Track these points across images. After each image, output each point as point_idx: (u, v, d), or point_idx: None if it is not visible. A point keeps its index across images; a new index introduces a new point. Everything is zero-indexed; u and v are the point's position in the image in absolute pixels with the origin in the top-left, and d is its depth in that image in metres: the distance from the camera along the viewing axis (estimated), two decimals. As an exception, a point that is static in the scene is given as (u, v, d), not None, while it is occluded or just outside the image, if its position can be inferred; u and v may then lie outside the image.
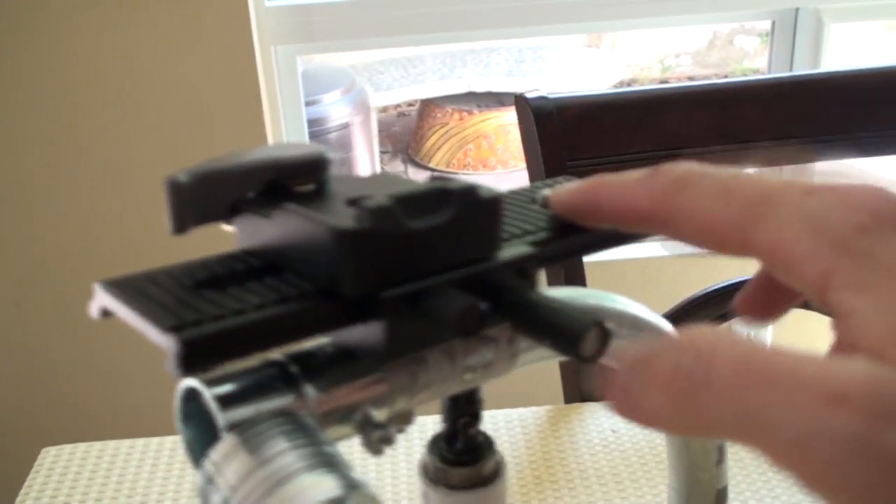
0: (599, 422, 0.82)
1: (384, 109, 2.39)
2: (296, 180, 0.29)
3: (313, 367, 0.27)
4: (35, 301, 1.75)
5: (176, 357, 0.22)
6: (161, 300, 0.24)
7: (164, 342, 0.23)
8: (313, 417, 0.26)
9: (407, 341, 0.26)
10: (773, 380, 0.19)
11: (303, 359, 0.27)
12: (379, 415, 0.28)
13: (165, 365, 0.23)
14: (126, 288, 0.25)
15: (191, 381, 0.26)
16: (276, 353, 0.27)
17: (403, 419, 0.29)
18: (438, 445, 0.33)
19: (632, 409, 0.22)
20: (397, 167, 2.81)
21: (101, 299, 0.26)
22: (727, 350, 0.20)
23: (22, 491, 0.81)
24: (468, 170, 2.70)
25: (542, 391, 1.05)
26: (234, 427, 0.25)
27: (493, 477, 0.33)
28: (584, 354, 0.25)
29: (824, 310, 0.22)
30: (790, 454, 0.19)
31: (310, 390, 0.27)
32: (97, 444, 0.85)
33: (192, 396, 0.27)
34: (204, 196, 0.27)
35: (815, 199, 0.23)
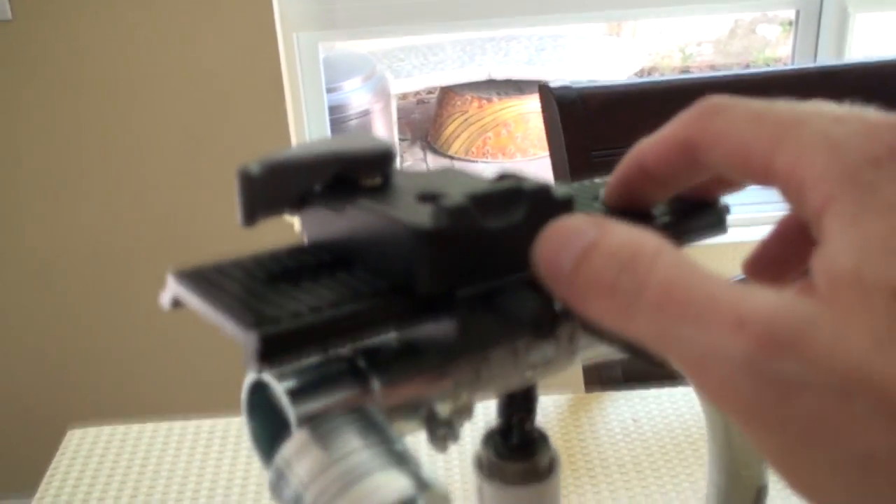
0: (620, 411, 0.82)
1: (404, 97, 2.39)
2: (363, 174, 0.29)
3: (380, 362, 0.27)
4: (61, 281, 1.76)
5: (255, 353, 0.23)
6: (236, 293, 0.24)
7: (242, 338, 0.23)
8: (381, 412, 0.26)
9: (478, 339, 0.26)
10: (691, 302, 0.21)
11: (370, 353, 0.27)
12: (442, 409, 0.28)
13: (244, 361, 0.23)
14: (199, 280, 0.25)
15: (260, 376, 0.26)
16: (342, 351, 0.27)
17: (464, 412, 0.30)
18: (493, 440, 0.33)
19: (560, 289, 0.24)
20: (416, 154, 2.81)
21: (174, 290, 0.26)
22: (662, 270, 0.22)
23: (48, 472, 0.81)
24: (487, 158, 2.70)
25: (563, 379, 1.05)
26: (305, 421, 0.25)
27: (547, 472, 0.33)
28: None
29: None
30: (694, 370, 0.21)
31: (377, 384, 0.27)
32: (122, 427, 0.85)
33: (258, 388, 0.27)
34: (273, 188, 0.27)
35: (841, 126, 0.23)
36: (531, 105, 2.29)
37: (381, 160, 0.29)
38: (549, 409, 0.85)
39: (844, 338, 0.19)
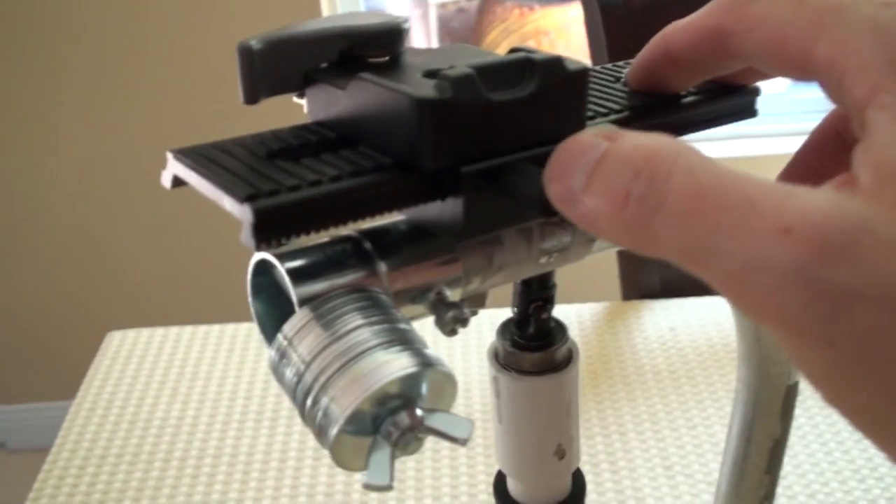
0: (657, 319, 0.81)
1: (444, 5, 2.34)
2: (371, 51, 0.27)
3: (387, 245, 0.26)
4: (98, 188, 1.78)
5: (251, 227, 0.22)
6: (235, 170, 0.24)
7: (238, 211, 0.22)
8: (387, 295, 0.26)
9: (485, 219, 0.25)
10: (726, 208, 0.19)
11: (376, 235, 0.27)
12: (453, 295, 0.27)
13: (241, 236, 0.22)
14: (199, 157, 0.25)
15: (263, 255, 0.26)
16: (349, 230, 0.27)
17: (477, 301, 0.29)
18: (509, 330, 0.32)
19: (571, 209, 0.22)
20: (455, 64, 2.74)
21: (173, 168, 0.25)
22: (683, 178, 0.19)
23: (88, 374, 0.83)
24: (528, 68, 2.62)
25: (600, 287, 1.04)
26: (308, 301, 0.25)
27: (565, 363, 0.32)
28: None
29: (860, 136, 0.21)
30: (731, 283, 0.19)
31: (383, 267, 0.26)
32: (160, 329, 0.87)
33: (263, 270, 0.27)
34: (276, 64, 0.26)
35: (890, 10, 0.21)
36: (574, 13, 2.23)
37: (388, 36, 0.28)
38: (586, 317, 0.84)
39: None
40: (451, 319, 0.26)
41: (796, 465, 0.67)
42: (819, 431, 0.70)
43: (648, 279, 0.89)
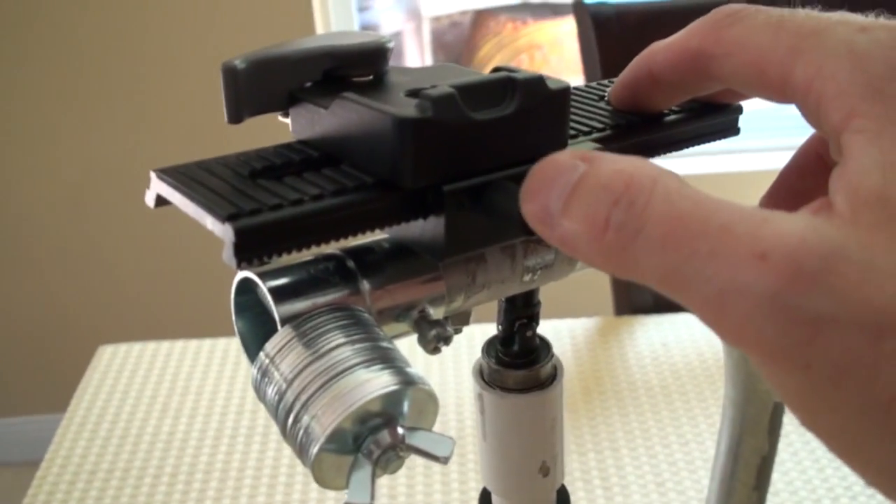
0: (649, 335, 0.81)
1: (437, 19, 2.35)
2: (354, 70, 0.28)
3: (370, 263, 0.27)
4: (91, 201, 1.78)
5: (233, 246, 0.22)
6: (217, 189, 0.24)
7: (220, 231, 0.22)
8: (370, 314, 0.26)
9: (467, 238, 0.25)
10: (703, 234, 0.19)
11: (359, 254, 0.27)
12: (436, 313, 0.27)
13: (223, 255, 0.22)
14: (181, 176, 0.25)
15: (246, 273, 0.26)
16: (332, 248, 0.27)
17: (461, 319, 0.29)
18: (494, 347, 0.32)
19: (548, 231, 0.22)
20: (449, 78, 2.74)
21: (156, 187, 0.25)
22: (661, 204, 0.19)
23: (79, 388, 0.83)
24: (522, 81, 2.63)
25: (592, 302, 1.04)
26: (290, 320, 0.25)
27: (549, 380, 0.32)
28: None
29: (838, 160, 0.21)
30: (709, 308, 0.19)
31: (366, 285, 0.26)
32: (152, 344, 0.87)
33: (246, 289, 0.27)
34: (260, 84, 0.27)
35: (867, 35, 0.21)
36: (566, 27, 2.23)
37: (373, 56, 0.28)
38: (578, 333, 0.84)
39: (875, 268, 0.17)
40: (434, 337, 0.26)
41: (788, 482, 0.67)
42: (811, 448, 0.70)
43: (640, 294, 0.89)
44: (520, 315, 0.32)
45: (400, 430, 0.23)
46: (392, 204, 0.24)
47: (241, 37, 1.60)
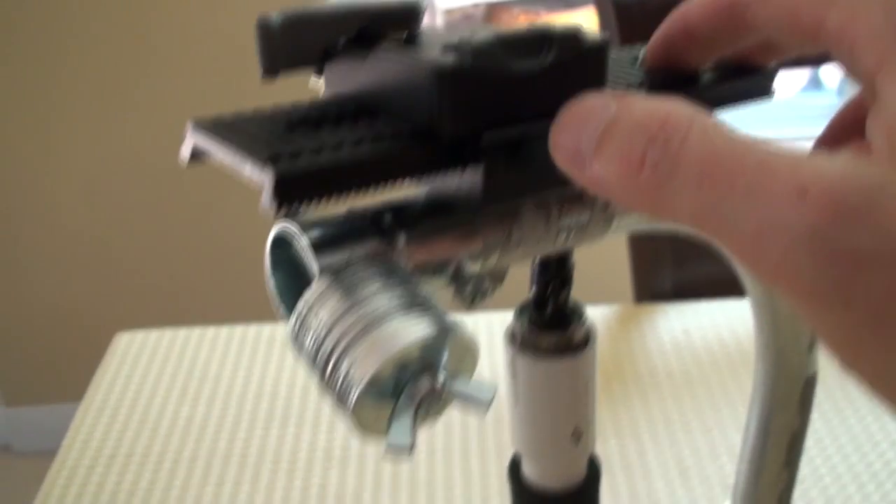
0: (670, 322, 0.81)
1: (450, 12, 2.35)
2: (388, 28, 0.27)
3: (407, 217, 0.26)
4: (105, 188, 1.79)
5: (272, 190, 0.22)
6: (255, 136, 0.24)
7: (259, 175, 0.22)
8: (406, 266, 0.26)
9: (505, 189, 0.25)
10: (741, 171, 0.19)
11: (396, 208, 0.27)
12: (471, 268, 0.27)
13: (262, 201, 0.22)
14: (218, 126, 0.25)
15: (283, 225, 0.26)
16: (367, 202, 0.27)
17: (496, 277, 0.29)
18: (527, 311, 0.32)
19: (579, 173, 0.21)
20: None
21: (193, 138, 0.25)
22: (698, 142, 0.19)
23: (96, 375, 0.83)
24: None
25: (613, 289, 1.03)
26: (328, 270, 0.25)
27: (583, 344, 0.32)
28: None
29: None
30: (746, 247, 0.19)
31: (402, 239, 0.26)
32: (169, 331, 0.87)
33: (281, 243, 0.27)
34: (295, 39, 0.26)
35: None
36: (580, 19, 2.24)
37: (407, 15, 0.28)
38: (598, 319, 0.84)
39: None
40: (471, 292, 0.26)
41: (813, 468, 0.67)
42: (835, 435, 0.70)
43: (660, 281, 0.89)
44: (553, 277, 0.31)
45: (440, 377, 0.23)
46: (431, 152, 0.24)
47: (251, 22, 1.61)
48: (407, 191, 0.28)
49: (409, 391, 0.23)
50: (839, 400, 0.73)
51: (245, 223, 1.81)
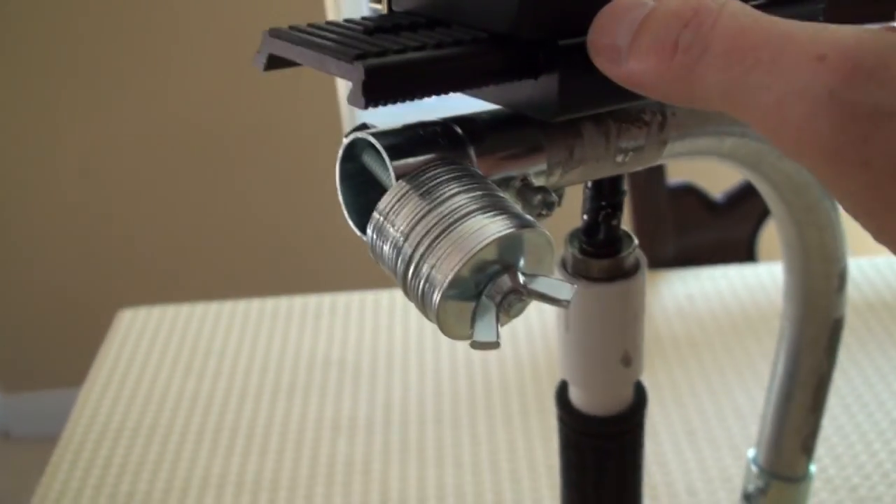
0: (674, 288, 0.82)
1: None
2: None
3: (476, 130, 0.27)
4: (101, 168, 1.78)
5: (361, 85, 0.22)
6: (337, 40, 0.24)
7: (348, 72, 0.22)
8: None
9: (579, 97, 0.25)
10: (765, 44, 0.19)
11: (465, 121, 0.27)
12: (537, 181, 0.28)
13: (347, 98, 0.22)
14: (296, 34, 0.25)
15: (356, 135, 0.26)
16: (436, 118, 0.27)
17: (559, 193, 0.29)
18: (577, 238, 0.33)
19: (616, 68, 0.22)
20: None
21: (269, 46, 0.25)
22: (728, 20, 0.20)
23: (100, 351, 0.83)
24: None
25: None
26: (403, 176, 0.25)
27: (634, 269, 0.32)
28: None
29: None
30: (770, 117, 0.19)
31: (472, 151, 0.26)
32: (172, 307, 0.86)
33: (351, 156, 0.27)
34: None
35: None
36: None
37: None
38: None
39: None
40: (540, 203, 0.27)
41: (838, 426, 0.67)
42: (841, 395, 0.71)
43: (663, 248, 0.90)
44: (606, 202, 0.32)
45: (520, 276, 0.23)
46: (509, 55, 0.24)
47: (248, 16, 1.60)
48: (476, 105, 0.28)
49: (490, 290, 0.23)
50: (843, 361, 0.74)
51: (246, 198, 1.81)
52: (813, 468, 0.46)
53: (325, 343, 0.82)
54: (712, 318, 0.78)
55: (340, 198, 0.27)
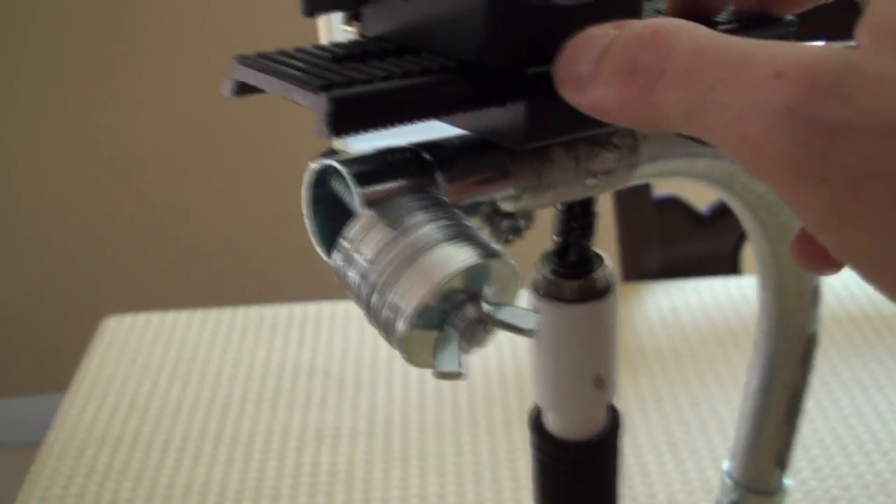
0: (658, 300, 0.82)
1: None
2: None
3: (444, 156, 0.27)
4: (84, 175, 1.77)
5: (326, 116, 0.22)
6: (304, 69, 0.24)
7: (313, 102, 0.22)
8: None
9: (547, 125, 0.26)
10: (724, 63, 0.19)
11: (434, 147, 0.27)
12: (505, 207, 0.28)
13: (315, 128, 0.23)
14: (264, 61, 0.25)
15: (323, 162, 0.26)
16: (405, 142, 0.27)
17: (527, 218, 0.29)
18: (550, 259, 0.33)
19: (580, 96, 0.23)
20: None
21: (238, 74, 0.25)
22: (687, 42, 0.20)
23: (85, 358, 0.82)
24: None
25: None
26: (371, 204, 0.25)
27: (606, 290, 0.33)
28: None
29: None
30: (730, 134, 0.19)
31: (441, 177, 0.26)
32: (157, 314, 0.86)
33: (320, 182, 0.27)
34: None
35: None
36: None
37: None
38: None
39: (891, 79, 0.18)
40: (507, 229, 0.27)
41: (800, 439, 0.68)
42: (822, 407, 0.71)
43: (648, 260, 0.90)
44: (577, 224, 0.32)
45: (485, 306, 0.24)
46: (478, 83, 0.24)
47: (235, 24, 1.60)
48: (443, 132, 0.28)
49: (455, 320, 0.24)
50: (825, 374, 0.74)
51: (231, 207, 1.81)
52: (787, 481, 0.47)
53: (310, 352, 0.82)
54: (696, 330, 0.78)
55: (308, 223, 0.27)
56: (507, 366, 0.77)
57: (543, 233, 0.34)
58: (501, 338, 0.80)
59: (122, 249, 1.85)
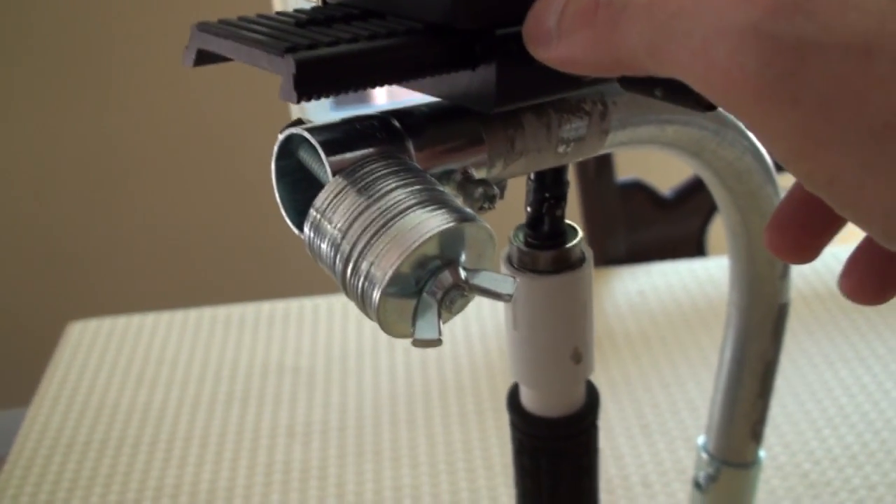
0: (626, 285, 0.82)
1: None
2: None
3: (414, 124, 0.26)
4: (49, 178, 1.74)
5: (291, 79, 0.21)
6: (268, 33, 0.23)
7: (278, 65, 0.22)
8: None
9: (518, 87, 0.25)
10: None
11: (403, 115, 0.26)
12: (477, 174, 0.27)
13: (280, 93, 0.22)
14: (226, 28, 0.24)
15: (290, 131, 0.25)
16: (374, 110, 0.27)
17: (502, 186, 0.29)
18: (522, 232, 0.32)
19: (548, 51, 0.22)
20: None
21: (198, 41, 0.24)
22: None
23: (50, 364, 0.81)
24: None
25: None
26: (340, 172, 0.24)
27: (580, 261, 0.32)
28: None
29: None
30: (696, 62, 0.19)
31: (411, 145, 0.26)
32: (123, 318, 0.85)
33: (286, 153, 0.26)
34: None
35: None
36: None
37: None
38: (552, 291, 0.84)
39: None
40: (481, 196, 0.26)
41: (770, 416, 0.68)
42: (791, 383, 0.71)
43: (614, 245, 0.90)
44: (549, 193, 0.31)
45: (461, 271, 0.23)
46: (445, 46, 0.24)
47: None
48: (413, 98, 0.28)
49: (431, 286, 0.23)
50: (792, 350, 0.74)
51: (192, 208, 1.79)
52: (762, 454, 0.47)
53: (279, 350, 0.81)
54: (664, 312, 0.78)
55: (277, 195, 0.27)
56: (477, 354, 0.77)
57: (518, 208, 0.33)
58: (472, 326, 0.80)
59: (85, 255, 1.83)
